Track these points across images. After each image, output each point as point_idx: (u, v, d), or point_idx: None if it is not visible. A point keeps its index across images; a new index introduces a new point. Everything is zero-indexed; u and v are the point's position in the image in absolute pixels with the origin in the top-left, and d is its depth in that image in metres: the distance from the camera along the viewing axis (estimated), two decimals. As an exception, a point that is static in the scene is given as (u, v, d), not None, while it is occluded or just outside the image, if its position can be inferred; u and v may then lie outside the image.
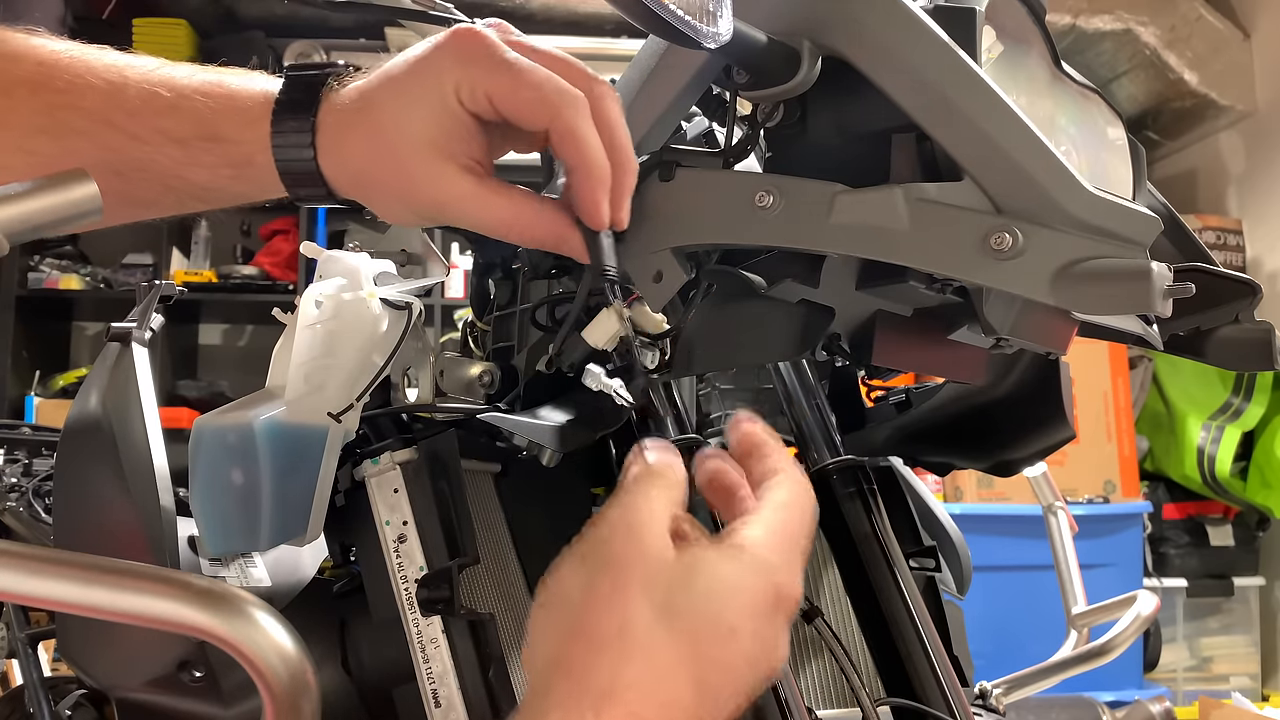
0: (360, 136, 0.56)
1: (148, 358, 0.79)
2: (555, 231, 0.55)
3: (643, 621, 0.41)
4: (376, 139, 0.55)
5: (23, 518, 1.31)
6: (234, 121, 0.57)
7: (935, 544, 0.92)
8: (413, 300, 0.72)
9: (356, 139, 0.56)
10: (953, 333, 0.68)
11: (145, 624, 0.56)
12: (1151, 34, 3.42)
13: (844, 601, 0.82)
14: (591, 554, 0.44)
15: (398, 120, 0.54)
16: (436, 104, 0.54)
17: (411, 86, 0.54)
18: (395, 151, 0.55)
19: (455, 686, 0.67)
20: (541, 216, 0.55)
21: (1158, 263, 0.55)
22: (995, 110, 0.55)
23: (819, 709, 0.79)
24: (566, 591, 0.43)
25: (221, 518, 0.69)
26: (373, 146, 0.55)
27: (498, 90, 0.53)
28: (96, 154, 0.58)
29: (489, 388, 0.77)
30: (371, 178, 0.56)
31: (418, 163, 0.54)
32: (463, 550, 0.68)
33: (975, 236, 0.55)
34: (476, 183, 0.55)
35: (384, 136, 0.55)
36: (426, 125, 0.54)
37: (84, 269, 3.58)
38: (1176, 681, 3.25)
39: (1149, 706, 2.55)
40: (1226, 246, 3.45)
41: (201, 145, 0.58)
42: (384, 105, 0.55)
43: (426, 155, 0.54)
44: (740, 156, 0.67)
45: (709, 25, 0.52)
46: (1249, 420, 3.23)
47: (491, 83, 0.53)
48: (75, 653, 0.72)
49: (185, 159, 0.58)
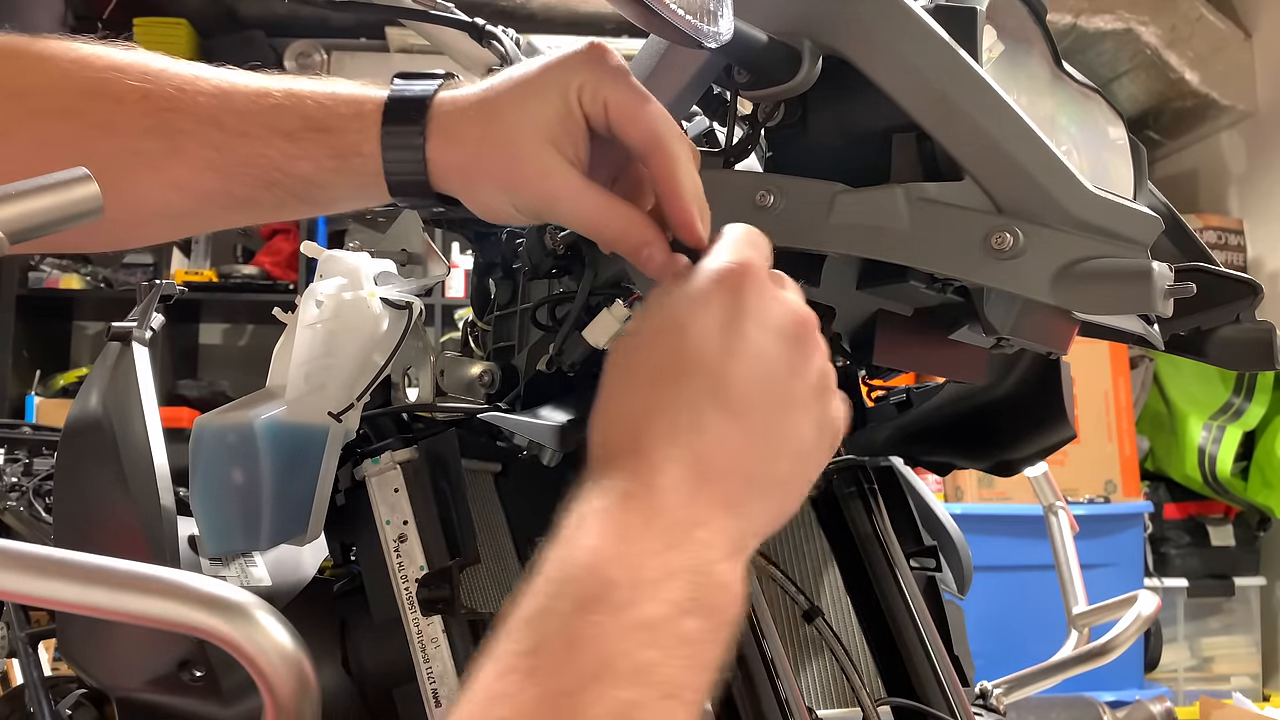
0: (475, 124, 0.57)
1: (148, 357, 0.79)
2: (645, 239, 0.56)
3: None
4: (492, 126, 0.56)
5: (23, 517, 1.31)
6: (344, 113, 0.58)
7: (936, 544, 0.92)
8: (413, 300, 0.72)
9: (470, 126, 0.57)
10: (953, 332, 0.68)
11: (146, 624, 0.56)
12: (1152, 34, 3.42)
13: (845, 601, 0.82)
14: None
15: (517, 109, 0.56)
16: (557, 99, 0.55)
17: (536, 81, 0.56)
18: (511, 139, 0.56)
19: (455, 686, 0.67)
20: (634, 223, 0.56)
21: (1159, 263, 0.55)
22: (996, 110, 0.55)
23: (819, 708, 0.79)
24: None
25: (222, 517, 0.69)
26: (487, 134, 0.56)
27: (616, 98, 0.55)
28: (202, 152, 0.59)
29: (489, 387, 0.77)
30: (480, 166, 0.57)
31: (532, 151, 0.55)
32: (463, 550, 0.68)
33: (976, 236, 0.55)
34: (581, 179, 0.56)
35: (501, 124, 0.56)
36: (546, 117, 0.55)
37: (85, 268, 3.58)
38: (1177, 681, 3.24)
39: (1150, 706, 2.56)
40: (1227, 246, 3.45)
41: (310, 136, 0.58)
42: (504, 95, 0.56)
43: (541, 145, 0.55)
44: (741, 156, 0.67)
45: (709, 25, 0.52)
46: (1250, 420, 3.23)
47: (613, 90, 0.55)
48: (76, 652, 0.72)
49: (293, 151, 0.59)
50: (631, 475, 0.45)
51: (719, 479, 0.46)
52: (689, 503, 0.44)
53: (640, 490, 0.44)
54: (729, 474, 0.46)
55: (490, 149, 0.56)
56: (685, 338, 0.48)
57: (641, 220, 0.56)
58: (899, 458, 0.93)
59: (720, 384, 0.47)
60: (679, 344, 0.48)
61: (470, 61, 0.91)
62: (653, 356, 0.49)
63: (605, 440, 0.48)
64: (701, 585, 0.42)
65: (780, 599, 0.77)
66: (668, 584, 0.41)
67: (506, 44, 0.88)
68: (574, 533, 0.43)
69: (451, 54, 0.91)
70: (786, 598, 0.75)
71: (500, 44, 0.87)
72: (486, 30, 0.87)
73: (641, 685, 0.38)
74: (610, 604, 0.40)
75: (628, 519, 0.43)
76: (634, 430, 0.47)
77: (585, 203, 0.56)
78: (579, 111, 0.56)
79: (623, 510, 0.44)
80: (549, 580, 0.42)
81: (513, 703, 0.37)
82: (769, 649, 0.63)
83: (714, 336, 0.48)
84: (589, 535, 0.43)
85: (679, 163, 0.55)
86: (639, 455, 0.46)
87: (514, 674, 0.38)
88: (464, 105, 0.58)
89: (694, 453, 0.46)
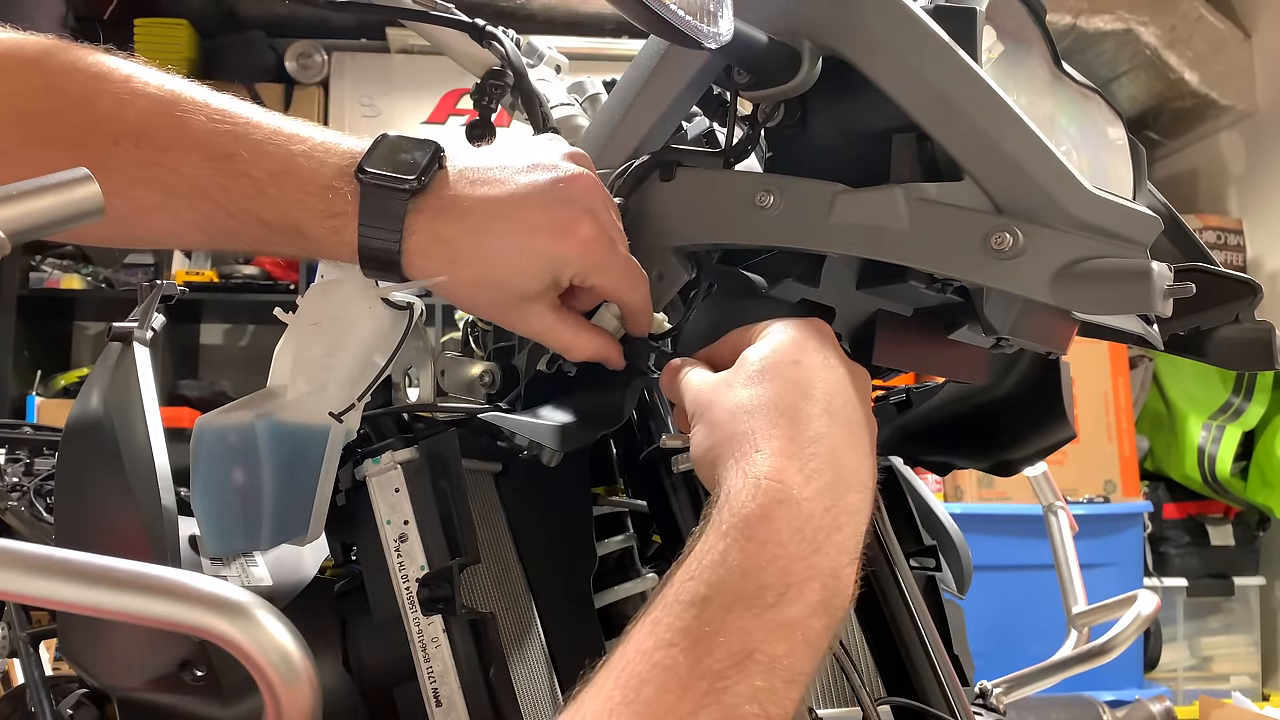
0: (468, 276, 0.63)
1: (149, 357, 0.79)
2: (606, 356, 0.68)
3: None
4: (487, 286, 0.64)
5: (24, 517, 1.31)
6: (321, 233, 0.63)
7: (936, 543, 0.92)
8: (414, 300, 0.72)
9: (464, 275, 0.63)
10: (953, 332, 0.68)
11: (147, 624, 0.56)
12: (1152, 34, 3.42)
13: (844, 601, 0.82)
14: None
15: (513, 282, 0.63)
16: (549, 279, 0.64)
17: (529, 258, 0.63)
18: (505, 297, 0.64)
19: (456, 686, 0.67)
20: (595, 340, 0.67)
21: (1158, 263, 0.55)
22: (996, 110, 0.55)
23: (819, 708, 0.79)
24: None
25: (222, 517, 0.69)
26: (481, 290, 0.64)
27: (604, 285, 0.65)
28: (194, 218, 0.64)
29: (490, 387, 0.77)
30: (474, 305, 0.67)
31: (522, 307, 0.64)
32: (464, 549, 0.68)
33: (976, 236, 0.55)
34: (557, 318, 0.65)
35: (496, 288, 0.64)
36: (537, 288, 0.64)
37: (85, 269, 3.58)
38: (1177, 681, 3.25)
39: (1149, 706, 2.56)
40: (1227, 246, 3.45)
41: (287, 235, 0.64)
42: (499, 261, 0.63)
43: (530, 304, 0.64)
44: (741, 156, 0.67)
45: (709, 25, 0.52)
46: (1249, 420, 3.23)
47: (603, 280, 0.64)
48: (76, 652, 0.72)
49: (273, 238, 0.65)
50: (779, 480, 0.50)
51: (848, 489, 0.52)
52: (829, 510, 0.50)
53: (789, 496, 0.50)
54: (855, 484, 0.53)
55: (483, 297, 0.65)
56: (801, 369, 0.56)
57: (603, 344, 0.67)
58: (899, 458, 0.93)
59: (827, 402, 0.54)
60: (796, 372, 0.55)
61: (471, 62, 0.91)
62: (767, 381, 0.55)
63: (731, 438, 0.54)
64: (832, 589, 0.49)
65: (780, 599, 0.77)
66: (808, 586, 0.48)
67: (507, 45, 0.88)
68: (731, 528, 0.49)
69: (452, 55, 0.91)
70: (786, 597, 0.75)
71: (500, 45, 0.88)
72: (487, 31, 0.87)
73: (772, 675, 0.45)
74: (759, 605, 0.47)
75: (780, 525, 0.49)
76: (756, 442, 0.52)
77: (557, 336, 0.66)
78: (565, 284, 0.64)
79: (777, 513, 0.49)
80: (708, 569, 0.48)
81: (671, 672, 0.44)
82: (769, 648, 0.63)
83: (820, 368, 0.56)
84: (745, 533, 0.48)
85: (638, 310, 0.67)
86: (782, 464, 0.51)
87: (673, 649, 0.45)
88: (447, 237, 0.62)
89: (829, 464, 0.52)
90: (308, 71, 3.63)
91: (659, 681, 0.44)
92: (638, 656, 0.46)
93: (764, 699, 0.45)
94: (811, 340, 0.57)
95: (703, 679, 0.44)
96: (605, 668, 0.46)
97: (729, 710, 0.44)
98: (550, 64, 0.96)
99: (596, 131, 0.73)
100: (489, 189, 0.63)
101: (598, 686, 0.46)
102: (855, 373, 0.58)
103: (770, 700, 0.45)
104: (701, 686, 0.44)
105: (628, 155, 0.69)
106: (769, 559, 0.48)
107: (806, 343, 0.57)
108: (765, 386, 0.54)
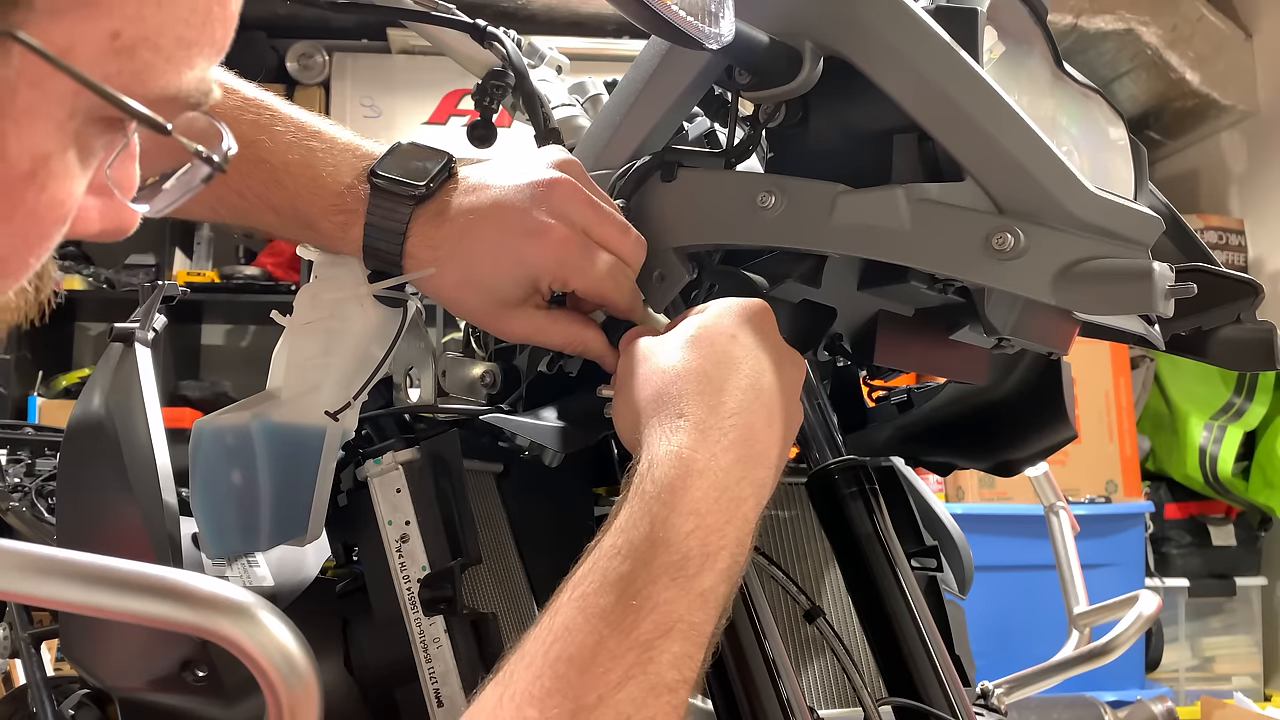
0: (453, 279, 0.65)
1: (150, 358, 0.79)
2: (584, 343, 0.68)
3: None
4: (471, 289, 0.65)
5: (25, 518, 1.31)
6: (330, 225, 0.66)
7: (937, 544, 0.92)
8: (409, 296, 0.72)
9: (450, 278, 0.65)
10: (954, 333, 0.68)
11: (148, 624, 0.56)
12: (1153, 34, 3.41)
13: (846, 601, 0.82)
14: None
15: (493, 285, 0.65)
16: (527, 283, 0.65)
17: (504, 262, 0.65)
18: (488, 302, 0.66)
19: (458, 686, 0.67)
20: (583, 332, 0.67)
21: (1159, 263, 0.55)
22: (997, 110, 0.55)
23: (821, 708, 0.79)
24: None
25: (221, 519, 0.69)
26: (466, 293, 0.66)
27: (584, 288, 0.65)
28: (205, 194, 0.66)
29: (491, 388, 0.77)
30: (462, 309, 0.68)
31: (505, 312, 0.66)
32: (465, 550, 0.68)
33: (977, 236, 0.55)
34: (545, 317, 0.67)
35: (480, 291, 0.65)
36: (520, 293, 0.65)
37: (87, 269, 3.57)
38: (1178, 681, 3.24)
39: (1151, 706, 2.56)
40: (1228, 246, 3.45)
41: (295, 223, 0.67)
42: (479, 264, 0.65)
43: (514, 307, 0.66)
44: (742, 157, 0.67)
45: (711, 26, 0.52)
46: (1251, 420, 3.22)
47: (582, 283, 0.65)
48: (78, 652, 0.72)
49: (280, 224, 0.68)
50: (698, 450, 0.53)
51: (758, 464, 0.55)
52: (740, 481, 0.53)
53: (708, 467, 0.52)
54: (764, 461, 0.56)
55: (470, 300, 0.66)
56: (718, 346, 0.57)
57: (579, 329, 0.67)
58: (900, 458, 0.93)
59: (753, 379, 0.56)
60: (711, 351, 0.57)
61: (472, 63, 0.91)
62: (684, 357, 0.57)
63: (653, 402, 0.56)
64: (737, 557, 0.52)
65: (782, 599, 0.77)
66: (721, 555, 0.51)
67: (508, 45, 0.88)
68: (654, 499, 0.51)
69: (453, 55, 0.91)
70: (788, 598, 0.75)
71: (502, 45, 0.87)
72: (488, 31, 0.87)
73: (690, 641, 0.49)
74: (683, 576, 0.50)
75: (699, 495, 0.52)
76: (680, 407, 0.55)
77: (545, 334, 0.67)
78: (546, 288, 0.66)
79: (696, 484, 0.52)
80: (635, 543, 0.50)
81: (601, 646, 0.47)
82: (770, 649, 0.63)
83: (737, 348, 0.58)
84: (669, 505, 0.51)
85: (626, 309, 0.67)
86: (701, 434, 0.53)
87: (602, 623, 0.48)
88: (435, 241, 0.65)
89: (744, 437, 0.54)
90: (309, 72, 3.63)
91: (588, 658, 0.47)
92: (565, 634, 0.48)
93: (682, 664, 0.48)
94: (753, 320, 0.59)
95: (631, 650, 0.47)
96: (532, 643, 0.49)
97: (653, 678, 0.47)
98: (551, 64, 0.96)
99: (598, 132, 0.73)
100: (475, 196, 0.65)
101: (526, 661, 0.48)
102: (790, 359, 0.60)
103: (687, 665, 0.49)
104: (630, 658, 0.47)
105: (629, 156, 0.69)
106: (690, 530, 0.51)
107: (747, 321, 0.59)
108: (697, 352, 0.57)
